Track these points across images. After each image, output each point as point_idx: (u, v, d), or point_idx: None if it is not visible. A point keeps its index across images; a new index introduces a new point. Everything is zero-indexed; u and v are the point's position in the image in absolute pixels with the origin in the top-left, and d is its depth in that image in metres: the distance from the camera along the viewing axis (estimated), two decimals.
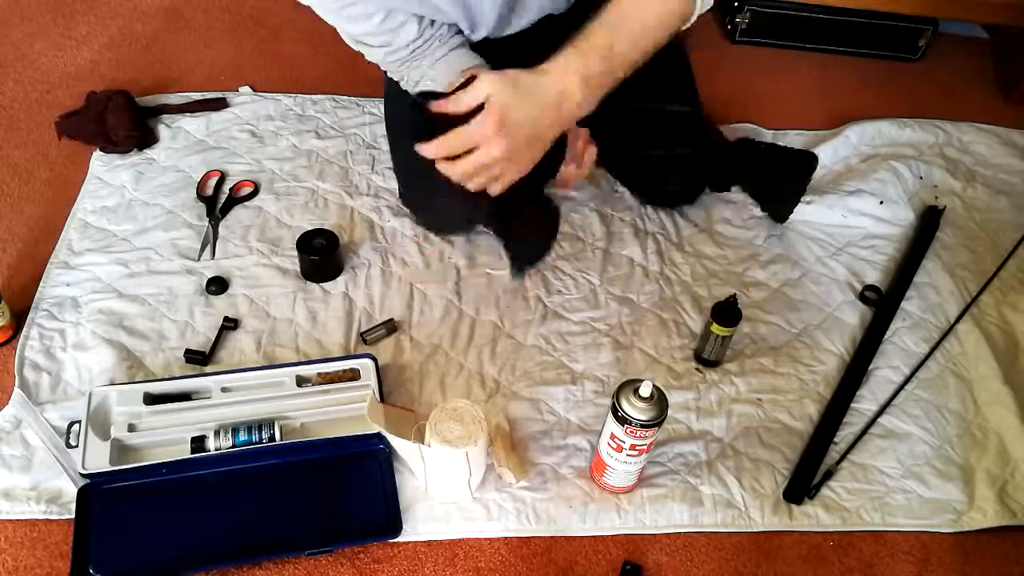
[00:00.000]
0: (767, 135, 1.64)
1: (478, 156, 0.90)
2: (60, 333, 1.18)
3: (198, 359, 1.16)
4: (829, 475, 1.11)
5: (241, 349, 1.19)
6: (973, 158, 1.64)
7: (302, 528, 1.01)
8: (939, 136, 1.67)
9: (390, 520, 1.02)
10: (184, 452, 1.04)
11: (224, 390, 1.10)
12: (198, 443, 1.05)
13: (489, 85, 0.88)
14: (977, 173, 1.61)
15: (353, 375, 1.13)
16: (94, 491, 1.01)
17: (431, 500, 1.05)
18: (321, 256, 1.26)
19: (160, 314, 1.22)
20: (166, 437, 1.06)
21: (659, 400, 0.95)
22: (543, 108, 0.92)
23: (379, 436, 1.05)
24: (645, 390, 0.93)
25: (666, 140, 1.30)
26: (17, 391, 1.10)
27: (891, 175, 1.53)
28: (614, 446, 0.99)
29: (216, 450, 1.04)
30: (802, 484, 1.09)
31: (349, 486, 1.04)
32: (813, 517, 1.08)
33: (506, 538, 1.03)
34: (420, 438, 1.00)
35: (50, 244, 1.30)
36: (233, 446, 1.04)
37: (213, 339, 1.19)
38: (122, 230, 1.33)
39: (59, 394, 1.11)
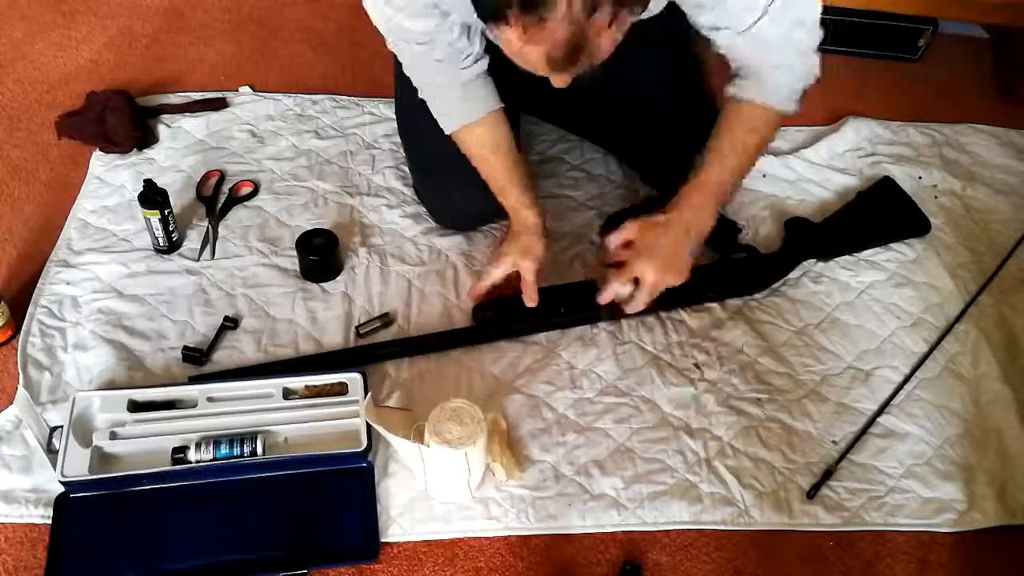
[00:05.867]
0: None
1: (646, 284, 1.15)
2: (60, 333, 1.18)
3: (195, 357, 1.16)
4: (829, 475, 1.11)
5: (240, 349, 1.19)
6: (972, 159, 1.64)
7: (278, 547, 0.99)
8: (937, 137, 1.67)
9: (367, 544, 1.00)
10: (165, 462, 1.02)
11: (210, 400, 1.08)
12: (179, 454, 1.02)
13: (634, 227, 1.16)
14: (976, 173, 1.60)
15: (341, 389, 1.12)
16: (71, 499, 0.99)
17: (431, 500, 1.05)
18: (320, 256, 1.26)
19: (160, 314, 1.22)
20: (148, 446, 1.04)
21: None
22: (683, 236, 1.15)
23: (362, 454, 1.04)
24: None
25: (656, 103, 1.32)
26: (21, 391, 1.10)
27: (892, 175, 1.54)
28: None
29: (196, 462, 1.02)
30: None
31: (328, 505, 1.03)
32: (813, 517, 1.08)
33: (506, 537, 1.03)
34: (419, 438, 1.00)
35: (50, 244, 1.30)
36: (214, 459, 1.02)
37: (212, 339, 1.19)
38: (122, 230, 1.33)
39: (59, 394, 1.11)
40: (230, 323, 1.21)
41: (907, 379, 1.23)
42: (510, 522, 1.04)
